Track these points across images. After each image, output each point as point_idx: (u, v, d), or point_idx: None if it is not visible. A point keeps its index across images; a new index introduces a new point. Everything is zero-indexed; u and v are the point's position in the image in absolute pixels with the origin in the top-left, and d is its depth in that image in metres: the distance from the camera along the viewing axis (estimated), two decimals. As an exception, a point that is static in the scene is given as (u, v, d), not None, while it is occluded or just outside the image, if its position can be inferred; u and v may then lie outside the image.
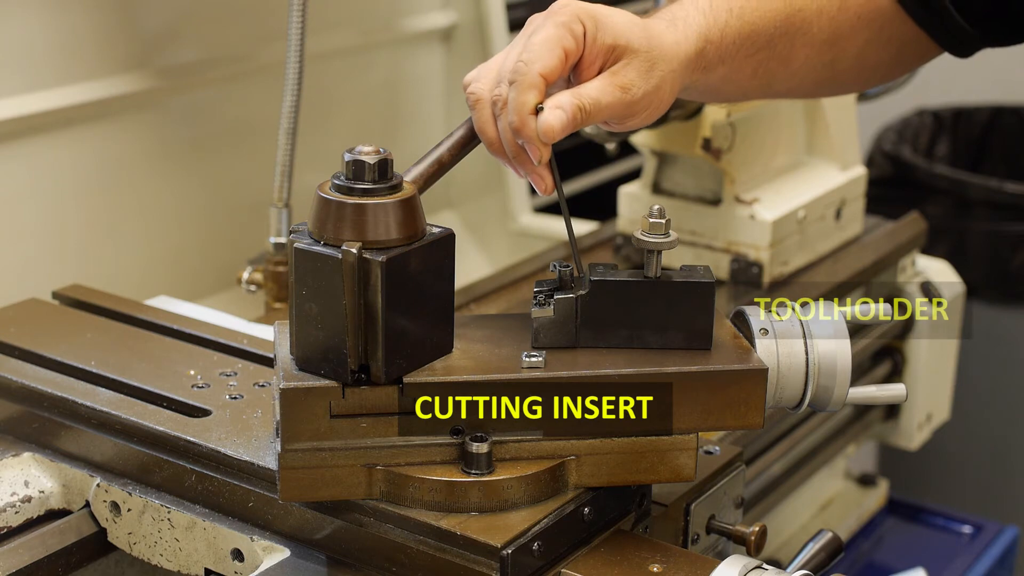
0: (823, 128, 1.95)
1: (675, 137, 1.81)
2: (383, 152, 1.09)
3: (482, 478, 1.09)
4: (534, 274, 1.87)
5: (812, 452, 1.89)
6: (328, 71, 2.13)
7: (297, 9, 1.70)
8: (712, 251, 1.84)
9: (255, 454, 1.19)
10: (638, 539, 1.15)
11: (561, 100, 1.13)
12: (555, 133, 1.12)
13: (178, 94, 1.97)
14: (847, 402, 1.20)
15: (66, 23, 1.79)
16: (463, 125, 1.20)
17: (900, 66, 1.48)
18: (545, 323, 1.15)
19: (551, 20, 1.16)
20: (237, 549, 1.19)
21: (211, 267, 2.03)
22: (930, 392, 2.06)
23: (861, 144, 2.12)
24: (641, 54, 1.18)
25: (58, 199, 1.83)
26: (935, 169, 3.01)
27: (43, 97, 1.78)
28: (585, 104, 1.15)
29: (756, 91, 1.40)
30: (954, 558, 2.15)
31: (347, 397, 1.09)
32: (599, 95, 1.16)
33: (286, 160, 1.75)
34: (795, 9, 1.34)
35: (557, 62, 1.14)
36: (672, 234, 1.15)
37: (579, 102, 1.14)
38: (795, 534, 1.97)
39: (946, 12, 1.39)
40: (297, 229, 1.11)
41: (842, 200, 1.94)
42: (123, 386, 1.31)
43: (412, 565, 1.09)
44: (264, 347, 1.38)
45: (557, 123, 1.12)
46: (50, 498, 1.31)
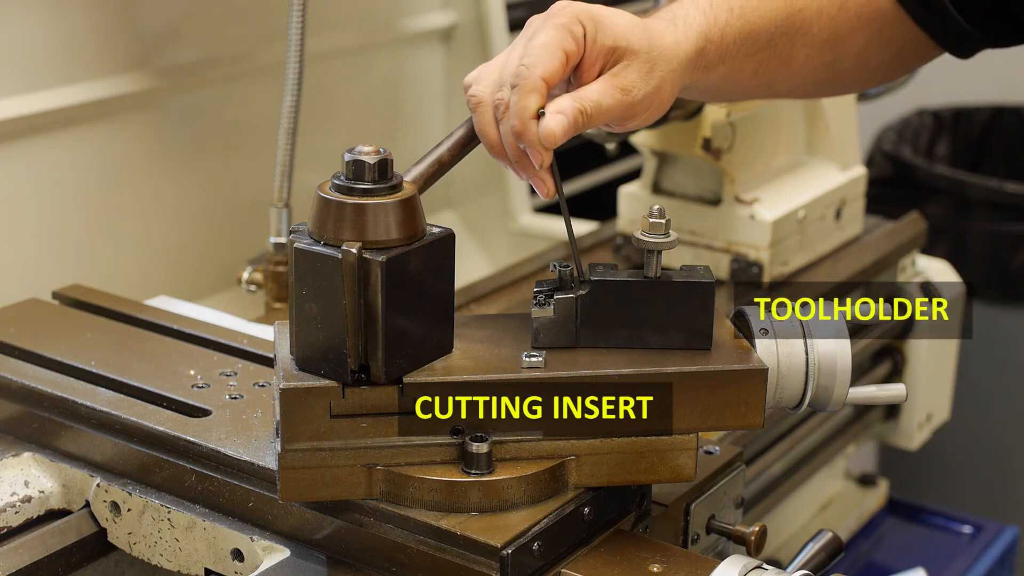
0: (823, 128, 1.95)
1: (675, 137, 1.81)
2: (383, 152, 1.09)
3: (482, 478, 1.09)
4: (534, 274, 1.87)
5: (812, 452, 1.89)
6: (328, 71, 2.13)
7: (297, 9, 1.70)
8: (712, 251, 1.84)
9: (255, 454, 1.19)
10: (638, 539, 1.15)
11: (562, 105, 1.13)
12: (556, 138, 1.12)
13: (178, 94, 1.97)
14: (847, 402, 1.20)
15: (66, 23, 1.79)
16: (463, 125, 1.20)
17: (901, 66, 1.48)
18: (545, 323, 1.15)
19: (551, 22, 1.16)
20: (237, 549, 1.19)
21: (211, 267, 2.03)
22: (930, 392, 2.06)
23: (861, 144, 2.12)
24: (642, 55, 1.18)
25: (58, 199, 1.83)
26: (935, 169, 3.01)
27: (43, 97, 1.78)
28: (586, 108, 1.14)
29: (757, 91, 1.40)
30: (954, 558, 2.15)
31: (347, 397, 1.09)
32: (600, 98, 1.16)
33: (286, 160, 1.75)
34: (795, 9, 1.34)
35: (558, 65, 1.14)
36: (672, 234, 1.15)
37: (580, 106, 1.14)
38: (795, 534, 1.97)
39: (946, 12, 1.39)
40: (297, 229, 1.11)
41: (842, 200, 1.94)
42: (123, 386, 1.31)
43: (412, 565, 1.09)
44: (264, 347, 1.38)
45: (559, 128, 1.12)
46: (50, 498, 1.31)
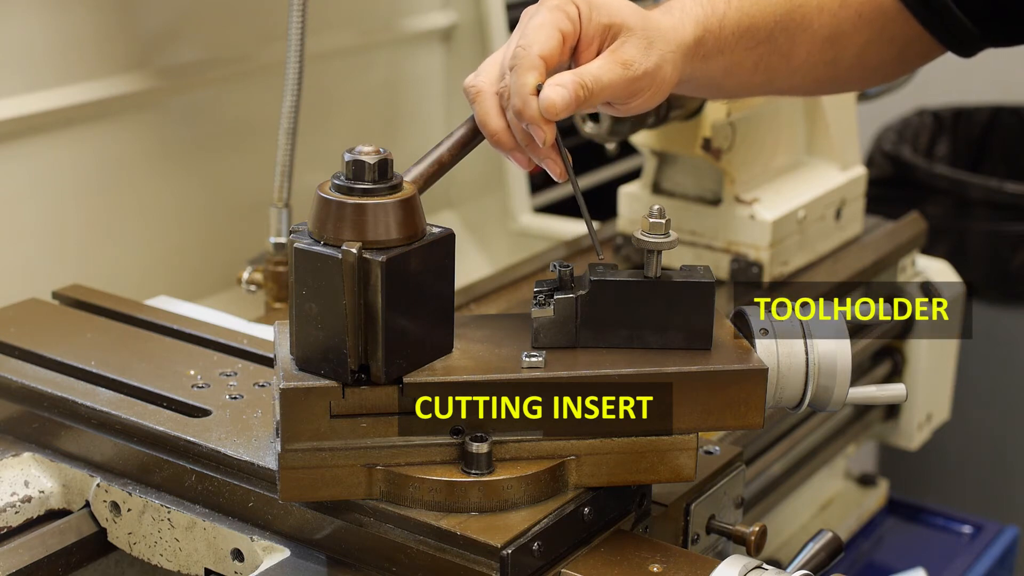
0: (823, 128, 1.95)
1: (675, 137, 1.81)
2: (383, 152, 1.09)
3: (482, 478, 1.09)
4: (534, 274, 1.87)
5: (812, 452, 1.89)
6: (328, 71, 2.13)
7: (297, 9, 1.70)
8: (712, 251, 1.84)
9: (255, 454, 1.19)
10: (638, 539, 1.15)
11: (562, 78, 1.14)
12: (557, 109, 1.12)
13: (178, 94, 1.97)
14: (847, 402, 1.20)
15: (66, 23, 1.79)
16: (463, 125, 1.20)
17: (902, 65, 1.48)
18: (545, 323, 1.15)
19: (544, 6, 1.17)
20: (237, 549, 1.19)
21: (211, 267, 2.03)
22: (930, 392, 2.06)
23: (861, 144, 2.12)
24: (638, 31, 1.19)
25: (58, 199, 1.83)
26: (935, 169, 3.01)
27: (43, 97, 1.78)
28: (586, 81, 1.15)
29: (758, 87, 1.40)
30: (954, 558, 2.14)
31: (347, 397, 1.09)
32: (600, 72, 1.16)
33: (286, 160, 1.75)
34: (795, 5, 1.34)
35: (555, 43, 1.15)
36: (672, 234, 1.15)
37: (580, 79, 1.15)
38: (795, 534, 1.97)
39: (948, 11, 1.39)
40: (297, 229, 1.11)
41: (842, 200, 1.94)
42: (123, 386, 1.31)
43: (412, 565, 1.09)
44: (264, 347, 1.38)
45: (559, 99, 1.12)
46: (50, 498, 1.31)
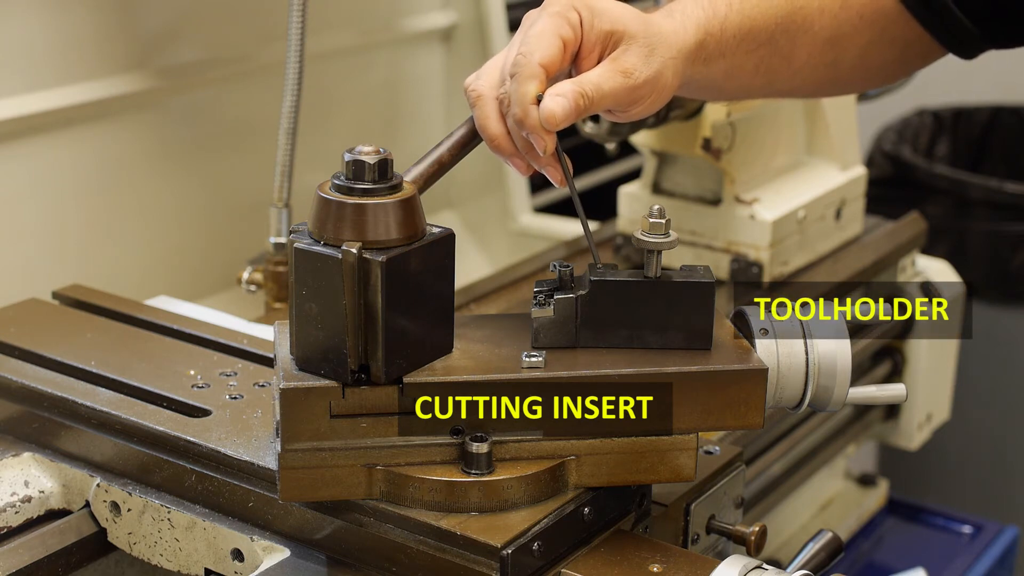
0: (823, 128, 1.95)
1: (675, 137, 1.81)
2: (383, 152, 1.09)
3: (482, 478, 1.09)
4: (534, 274, 1.87)
5: (812, 452, 1.89)
6: (328, 71, 2.13)
7: (297, 9, 1.70)
8: (712, 251, 1.84)
9: (255, 454, 1.19)
10: (638, 539, 1.15)
11: (562, 88, 1.14)
12: (557, 120, 1.12)
13: (178, 94, 1.97)
14: (847, 402, 1.20)
15: (66, 23, 1.79)
16: (463, 125, 1.20)
17: (904, 67, 1.48)
18: (545, 323, 1.15)
19: (546, 12, 1.17)
20: (237, 549, 1.19)
21: (211, 267, 2.03)
22: (930, 392, 2.06)
23: (861, 144, 2.12)
24: (639, 38, 1.19)
25: (58, 199, 1.83)
26: (935, 169, 3.01)
27: (43, 97, 1.78)
28: (587, 90, 1.15)
29: (759, 89, 1.40)
30: (954, 558, 2.14)
31: (347, 397, 1.09)
32: (600, 81, 1.16)
33: (286, 160, 1.75)
34: (796, 7, 1.34)
35: (556, 51, 1.14)
36: (672, 234, 1.15)
37: (580, 88, 1.14)
38: (795, 534, 1.97)
39: (948, 12, 1.38)
40: (297, 229, 1.11)
41: (842, 200, 1.94)
42: (123, 386, 1.31)
43: (412, 565, 1.09)
44: (264, 347, 1.38)
45: (559, 109, 1.12)
46: (50, 498, 1.31)
